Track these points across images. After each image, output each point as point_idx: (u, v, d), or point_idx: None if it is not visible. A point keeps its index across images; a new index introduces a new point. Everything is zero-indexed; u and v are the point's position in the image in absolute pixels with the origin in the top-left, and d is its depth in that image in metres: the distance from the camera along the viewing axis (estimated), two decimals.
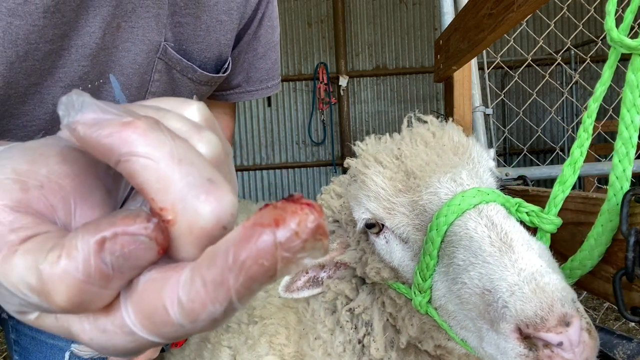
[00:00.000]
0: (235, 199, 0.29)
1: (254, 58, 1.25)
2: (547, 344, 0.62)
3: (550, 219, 0.83)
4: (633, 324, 3.78)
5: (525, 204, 0.84)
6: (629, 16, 0.73)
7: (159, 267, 0.28)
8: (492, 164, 0.95)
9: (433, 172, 0.86)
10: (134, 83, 0.98)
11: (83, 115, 0.28)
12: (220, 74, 1.13)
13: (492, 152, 1.11)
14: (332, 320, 1.06)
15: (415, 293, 0.85)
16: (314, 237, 0.25)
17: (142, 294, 0.27)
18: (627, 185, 0.76)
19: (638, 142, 0.78)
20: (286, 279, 0.99)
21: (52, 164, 0.31)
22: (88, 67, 0.89)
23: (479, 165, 0.91)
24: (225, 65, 1.14)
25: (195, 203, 0.27)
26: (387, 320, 1.00)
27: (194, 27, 1.02)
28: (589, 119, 0.82)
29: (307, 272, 1.03)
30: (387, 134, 1.05)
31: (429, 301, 0.83)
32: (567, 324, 0.61)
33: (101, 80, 0.94)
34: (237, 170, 7.55)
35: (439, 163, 0.88)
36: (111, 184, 0.34)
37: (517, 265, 0.68)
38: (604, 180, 3.89)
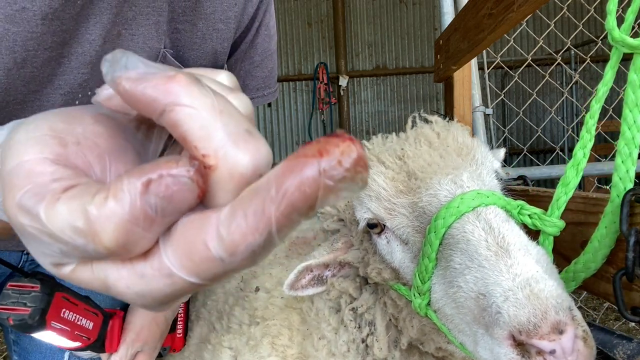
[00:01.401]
0: (270, 150, 0.31)
1: (250, 66, 1.25)
2: (540, 351, 0.61)
3: (553, 222, 0.82)
4: (633, 324, 3.78)
5: (528, 206, 0.83)
6: (630, 16, 0.73)
7: (197, 211, 0.29)
8: (498, 165, 0.94)
9: (434, 173, 0.85)
10: None
11: (128, 71, 0.30)
12: None
13: (502, 152, 1.10)
14: (336, 319, 1.06)
15: (414, 295, 0.85)
16: (355, 168, 0.26)
17: (181, 233, 0.28)
18: (630, 186, 0.76)
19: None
20: (290, 277, 0.98)
21: (87, 124, 0.33)
22: (88, 75, 0.89)
23: (483, 166, 0.90)
24: None
25: (235, 151, 0.29)
26: (390, 320, 0.99)
27: (191, 34, 1.02)
28: (591, 120, 0.81)
29: (311, 271, 1.02)
30: (394, 133, 1.04)
31: (428, 304, 0.83)
32: (561, 332, 0.61)
33: None
34: None
35: (441, 164, 0.87)
36: (140, 148, 0.36)
37: (513, 271, 0.68)
38: (604, 180, 3.89)
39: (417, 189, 0.86)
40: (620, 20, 0.73)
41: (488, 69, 2.97)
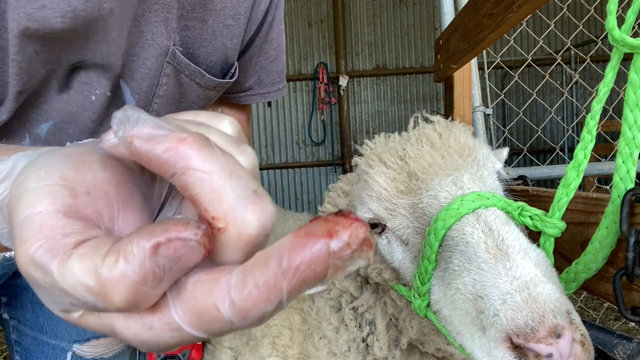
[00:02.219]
0: (274, 208, 0.32)
1: (266, 61, 1.25)
2: (537, 355, 0.62)
3: (554, 223, 0.82)
4: (633, 324, 3.78)
5: (528, 207, 0.83)
6: (630, 17, 0.73)
7: (204, 269, 0.30)
8: (500, 165, 0.94)
9: (435, 174, 0.86)
10: (143, 88, 0.98)
11: (139, 130, 0.31)
12: (228, 80, 1.13)
13: (505, 152, 1.10)
14: (337, 318, 1.06)
15: (414, 296, 0.85)
16: (361, 248, 0.28)
17: (192, 294, 0.30)
18: (631, 187, 0.76)
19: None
20: None
21: (96, 171, 0.33)
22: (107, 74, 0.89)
23: (484, 168, 0.90)
24: (232, 70, 1.14)
25: (244, 213, 0.30)
26: (391, 320, 0.99)
27: (201, 30, 1.02)
28: (592, 121, 0.81)
29: None
30: (396, 133, 1.04)
31: (428, 305, 0.83)
32: (558, 336, 0.61)
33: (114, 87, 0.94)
34: None
35: (442, 165, 0.87)
36: (146, 191, 0.37)
37: (511, 274, 0.68)
38: (603, 180, 3.89)
39: (417, 190, 0.86)
40: (620, 20, 0.74)
41: (488, 69, 2.97)
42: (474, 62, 2.13)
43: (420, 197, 0.85)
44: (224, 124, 0.38)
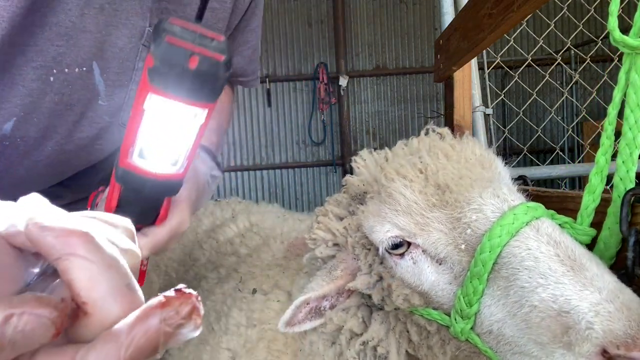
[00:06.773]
0: (143, 299, 0.36)
1: (248, 50, 1.25)
2: None
3: (585, 230, 0.81)
4: None
5: (558, 215, 0.82)
6: (638, 21, 0.73)
7: (58, 345, 0.32)
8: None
9: (470, 186, 0.81)
10: (113, 68, 0.94)
11: (40, 216, 0.34)
12: None
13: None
14: (332, 354, 0.97)
15: (456, 320, 0.79)
16: (190, 316, 0.33)
17: None
18: (631, 187, 0.76)
19: None
20: (287, 313, 0.89)
21: None
22: (63, 48, 0.85)
23: (507, 178, 0.87)
24: None
25: (112, 304, 0.33)
26: (407, 352, 0.91)
27: (183, 14, 0.99)
28: (610, 126, 0.81)
29: (307, 304, 0.92)
30: (400, 142, 1.00)
31: (472, 327, 0.79)
32: None
33: (84, 68, 0.91)
34: (237, 170, 7.55)
35: (472, 177, 0.82)
36: (25, 262, 0.37)
37: (596, 284, 0.65)
38: None
39: (455, 203, 0.81)
40: (620, 20, 0.73)
41: (488, 69, 2.96)
42: (474, 62, 2.13)
43: (460, 210, 0.80)
44: (120, 224, 0.41)
